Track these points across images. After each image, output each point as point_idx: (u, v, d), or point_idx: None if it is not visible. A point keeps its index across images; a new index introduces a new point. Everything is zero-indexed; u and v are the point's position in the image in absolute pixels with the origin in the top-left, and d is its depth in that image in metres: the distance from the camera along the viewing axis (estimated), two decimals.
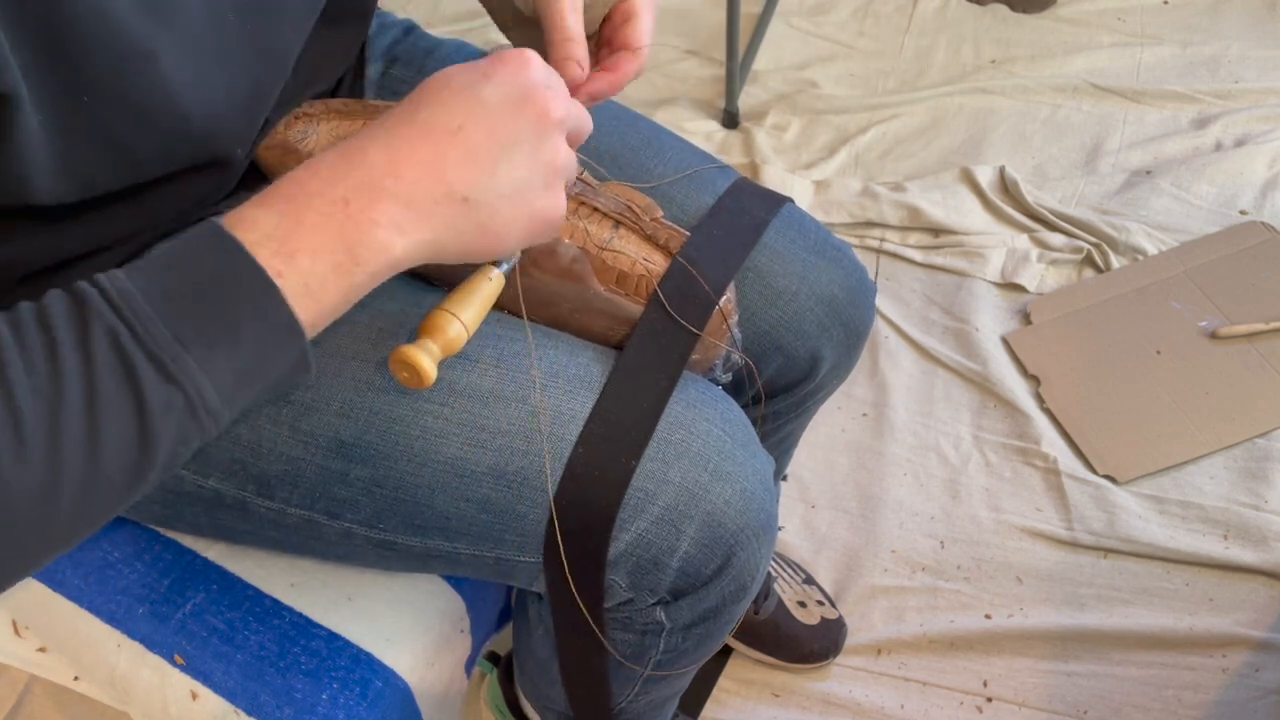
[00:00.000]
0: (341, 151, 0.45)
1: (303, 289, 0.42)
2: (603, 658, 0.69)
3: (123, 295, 0.40)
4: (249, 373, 0.42)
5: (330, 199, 0.43)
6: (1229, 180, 1.56)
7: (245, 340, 0.41)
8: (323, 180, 0.44)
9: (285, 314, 0.42)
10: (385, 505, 0.61)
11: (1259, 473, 1.25)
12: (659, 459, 0.60)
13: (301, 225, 0.43)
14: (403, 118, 0.46)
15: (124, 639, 0.70)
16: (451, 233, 0.47)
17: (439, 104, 0.46)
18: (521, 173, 0.48)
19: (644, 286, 0.64)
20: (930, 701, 1.11)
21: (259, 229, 0.42)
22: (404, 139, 0.45)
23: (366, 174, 0.44)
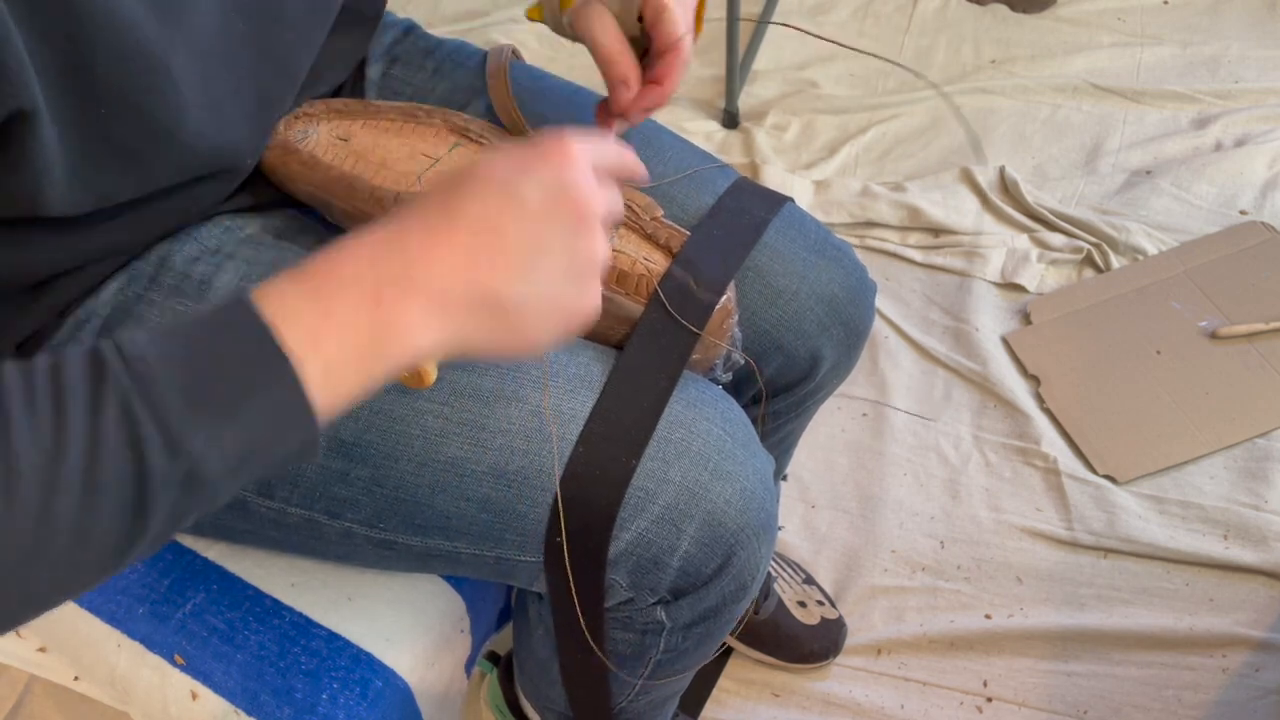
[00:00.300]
0: (379, 236, 0.44)
1: (323, 376, 0.41)
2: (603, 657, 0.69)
3: (141, 360, 0.39)
4: (255, 453, 0.40)
5: (363, 289, 0.42)
6: (1229, 180, 1.56)
7: (258, 421, 0.40)
8: (357, 267, 0.43)
9: (302, 400, 0.40)
10: (385, 505, 0.61)
11: (1259, 473, 1.25)
12: (659, 458, 0.60)
13: (331, 313, 0.41)
14: (443, 208, 0.45)
15: (124, 639, 0.70)
16: (481, 332, 0.45)
17: (478, 198, 0.45)
18: (557, 273, 0.46)
19: (644, 286, 0.64)
20: (930, 701, 1.11)
21: (287, 309, 0.41)
22: (441, 232, 0.44)
23: (402, 266, 0.43)
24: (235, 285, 0.62)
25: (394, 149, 0.65)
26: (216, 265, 0.63)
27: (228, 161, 0.59)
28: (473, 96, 0.75)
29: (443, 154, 0.65)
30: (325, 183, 0.65)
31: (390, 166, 0.64)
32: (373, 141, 0.66)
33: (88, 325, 0.61)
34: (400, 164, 0.65)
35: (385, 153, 0.65)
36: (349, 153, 0.65)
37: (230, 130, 0.58)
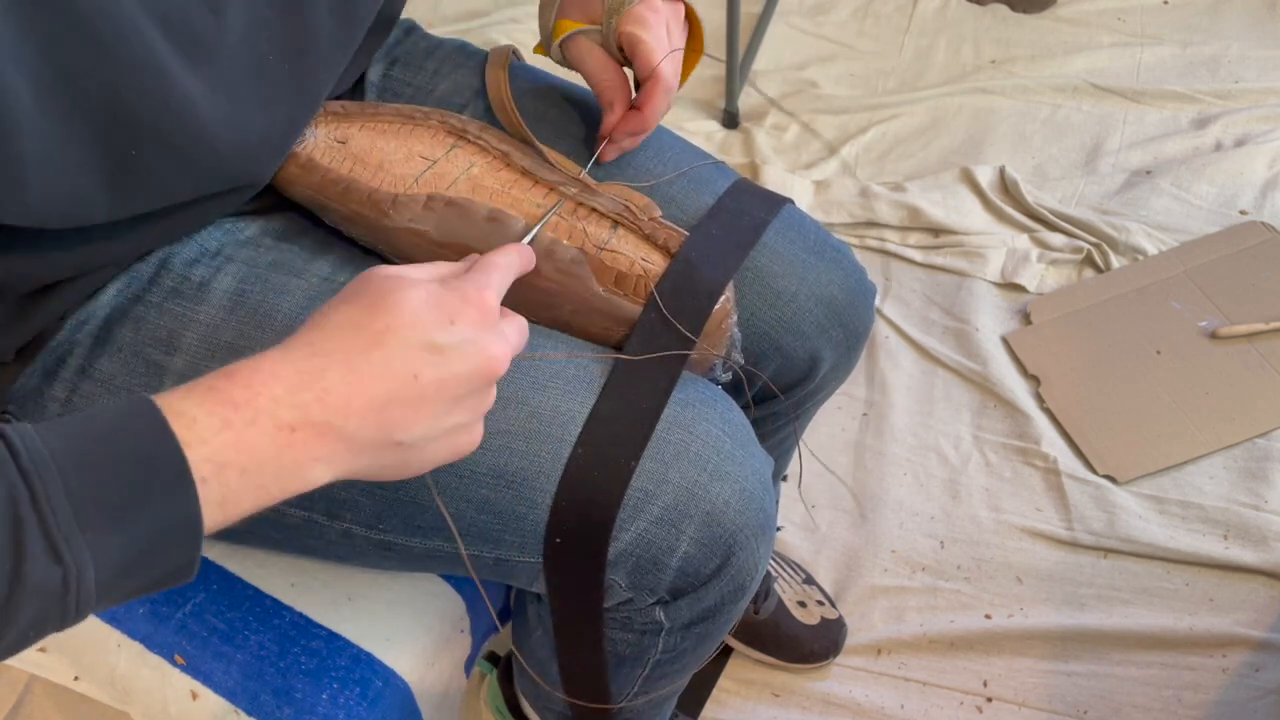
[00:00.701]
0: (298, 368, 0.43)
1: (218, 500, 0.41)
2: (602, 658, 0.69)
3: (34, 457, 0.37)
4: (133, 568, 0.39)
5: (277, 423, 0.42)
6: (1229, 180, 1.56)
7: (144, 533, 0.38)
8: (274, 398, 0.42)
9: (193, 518, 0.39)
10: (385, 506, 0.61)
11: (1259, 473, 1.25)
12: (658, 459, 0.60)
13: (241, 442, 0.41)
14: (367, 349, 0.44)
15: (124, 639, 0.70)
16: (375, 466, 0.46)
17: (403, 347, 0.45)
18: (458, 420, 0.47)
19: (643, 286, 0.64)
20: (930, 701, 1.11)
21: (196, 430, 0.40)
22: (363, 374, 0.44)
23: (320, 406, 0.43)
24: (233, 288, 0.62)
25: (391, 151, 0.65)
26: (216, 268, 0.63)
27: (245, 182, 0.60)
28: (473, 97, 0.75)
29: (440, 156, 0.65)
30: (323, 185, 0.65)
31: (388, 169, 0.64)
32: (370, 144, 0.66)
33: (86, 327, 0.61)
34: (398, 166, 0.65)
35: (383, 155, 0.65)
36: (346, 155, 0.65)
37: (252, 156, 0.59)
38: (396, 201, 0.63)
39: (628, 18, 0.66)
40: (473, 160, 0.65)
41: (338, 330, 0.45)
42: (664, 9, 0.68)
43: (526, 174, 0.66)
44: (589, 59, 0.69)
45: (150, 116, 0.50)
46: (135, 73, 0.48)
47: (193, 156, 0.54)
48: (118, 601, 0.40)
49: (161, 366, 0.61)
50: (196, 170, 0.55)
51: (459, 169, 0.65)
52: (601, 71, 0.68)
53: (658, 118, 0.69)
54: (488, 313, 0.48)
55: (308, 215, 0.70)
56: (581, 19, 0.69)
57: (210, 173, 0.57)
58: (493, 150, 0.66)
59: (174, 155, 0.53)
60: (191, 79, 0.52)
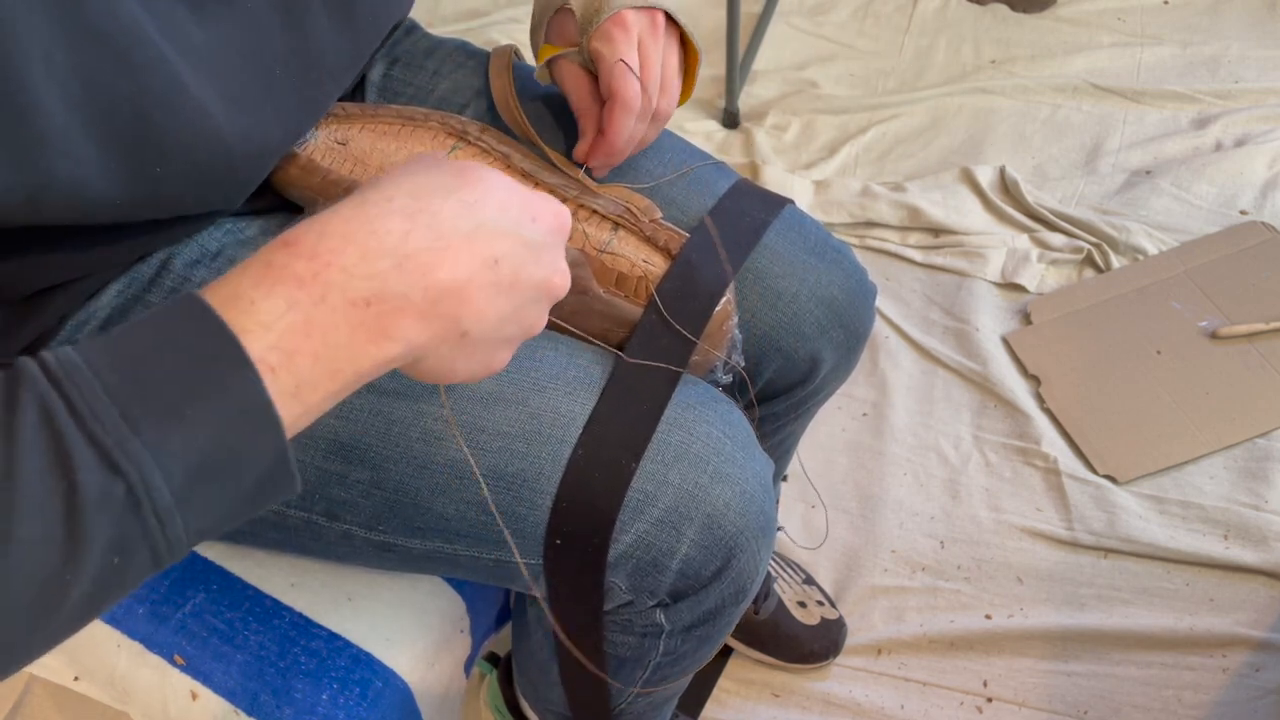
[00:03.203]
0: (374, 229, 0.38)
1: (292, 390, 0.36)
2: (602, 659, 0.69)
3: (64, 366, 0.33)
4: (211, 472, 0.34)
5: (351, 298, 0.37)
6: (1229, 180, 1.56)
7: (211, 431, 0.34)
8: (346, 269, 0.37)
9: (264, 406, 0.35)
10: (384, 507, 0.61)
11: (1259, 473, 1.25)
12: (659, 461, 0.60)
13: (313, 324, 0.36)
14: (454, 208, 0.41)
15: (124, 639, 0.70)
16: (435, 358, 0.42)
17: (490, 217, 0.41)
18: (511, 330, 0.44)
19: (643, 288, 0.64)
20: (930, 701, 1.11)
21: (255, 315, 0.36)
22: (451, 243, 0.40)
23: (398, 275, 0.38)
24: None
25: (392, 153, 0.65)
26: (216, 270, 0.63)
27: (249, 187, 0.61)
28: (473, 96, 0.75)
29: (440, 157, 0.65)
30: (323, 187, 0.65)
31: (388, 170, 0.65)
32: (370, 145, 0.66)
33: (86, 328, 0.61)
34: None
35: (383, 156, 0.65)
36: (347, 156, 0.65)
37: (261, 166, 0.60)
38: None
39: (596, 35, 0.65)
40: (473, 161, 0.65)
41: (424, 190, 0.41)
42: (636, 23, 0.65)
43: (527, 176, 0.66)
44: (567, 81, 0.68)
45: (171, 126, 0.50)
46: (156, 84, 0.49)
47: (212, 169, 0.54)
48: (222, 523, 0.36)
49: None
50: (211, 180, 0.56)
51: None
52: (576, 95, 0.68)
53: (623, 140, 0.65)
54: (564, 225, 0.45)
55: None
56: (560, 42, 0.69)
57: (225, 181, 0.57)
58: (493, 152, 0.66)
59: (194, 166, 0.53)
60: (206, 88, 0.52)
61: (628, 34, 0.64)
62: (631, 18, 0.64)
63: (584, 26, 0.65)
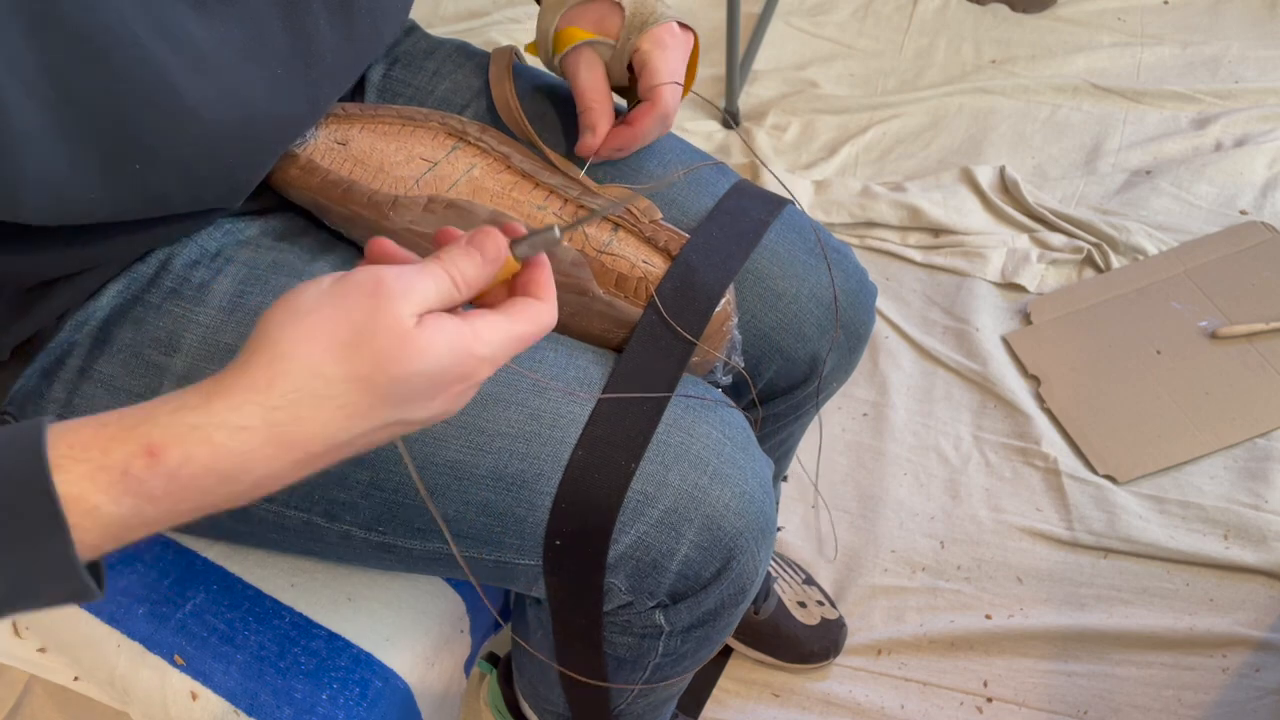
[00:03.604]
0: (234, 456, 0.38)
1: (118, 537, 0.38)
2: (601, 661, 0.69)
3: None
4: (12, 600, 0.37)
5: (202, 506, 0.39)
6: (1229, 180, 1.56)
7: (12, 574, 0.36)
8: (203, 491, 0.38)
9: (69, 559, 0.36)
10: (384, 508, 0.61)
11: (1259, 473, 1.25)
12: (658, 462, 0.60)
13: (153, 524, 0.38)
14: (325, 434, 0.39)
15: (124, 639, 0.70)
16: None
17: (368, 427, 0.40)
18: (430, 417, 0.43)
19: (643, 289, 0.64)
20: (930, 701, 1.11)
21: (97, 517, 0.36)
22: (311, 458, 0.39)
23: (254, 490, 0.40)
24: (233, 289, 0.62)
25: (392, 153, 0.65)
26: (216, 270, 0.63)
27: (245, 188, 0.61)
28: (473, 97, 0.75)
29: (441, 157, 0.65)
30: (323, 187, 0.65)
31: (388, 171, 0.64)
32: (370, 145, 0.66)
33: (85, 327, 0.61)
34: (398, 168, 0.65)
35: (383, 157, 0.65)
36: (346, 157, 0.65)
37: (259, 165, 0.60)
38: (397, 203, 0.63)
39: (648, 36, 0.66)
40: (473, 162, 0.65)
41: (306, 400, 0.38)
42: (680, 38, 0.68)
43: (527, 176, 0.66)
44: (587, 73, 0.68)
45: (153, 126, 0.50)
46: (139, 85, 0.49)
47: (197, 167, 0.54)
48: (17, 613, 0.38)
49: (161, 367, 0.61)
50: (202, 179, 0.56)
51: (460, 171, 0.65)
52: (595, 90, 0.67)
53: (646, 139, 0.68)
54: (477, 383, 0.43)
55: (308, 216, 0.70)
56: (593, 29, 0.68)
57: (217, 180, 0.57)
58: (493, 152, 0.66)
59: (177, 165, 0.53)
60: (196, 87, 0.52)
61: (675, 44, 0.67)
62: (678, 31, 0.68)
63: (639, 25, 0.66)
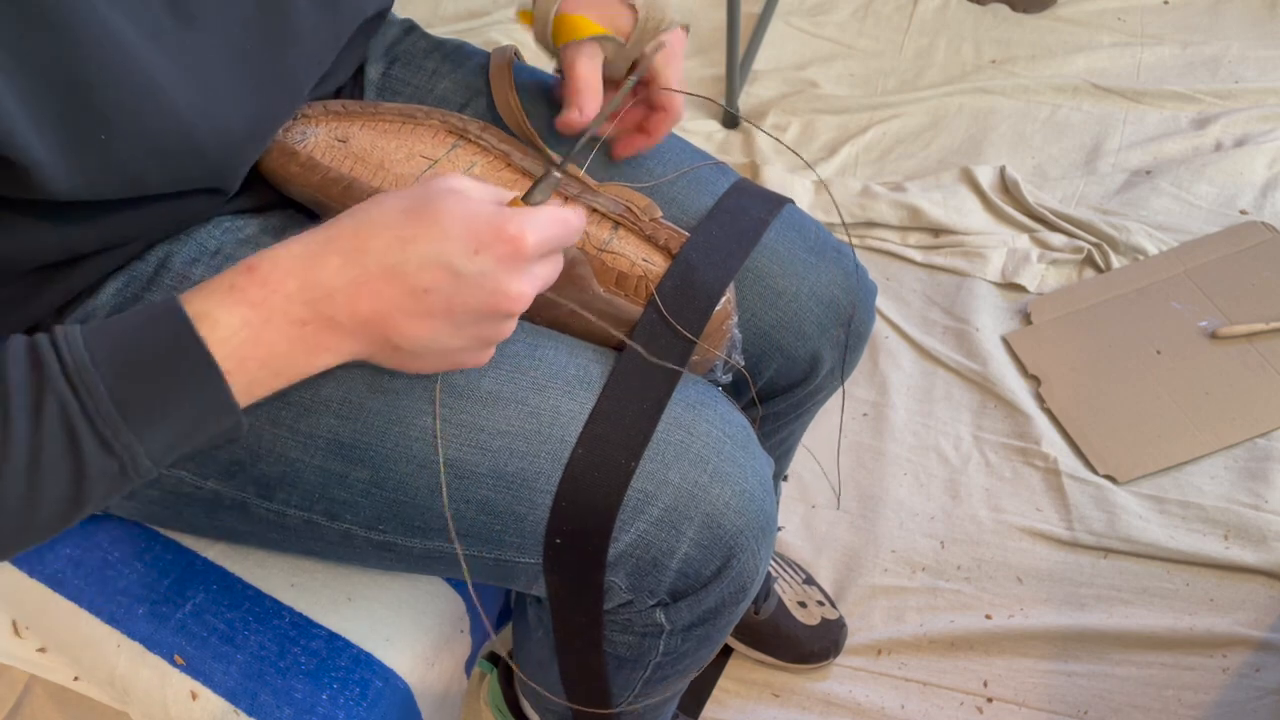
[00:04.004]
0: (308, 262, 0.48)
1: (244, 388, 0.47)
2: (602, 660, 0.69)
3: (78, 367, 0.43)
4: (183, 440, 0.46)
5: (290, 319, 0.47)
6: (1229, 180, 1.56)
7: (185, 418, 0.46)
8: (288, 296, 0.47)
9: (224, 401, 0.46)
10: (385, 507, 0.61)
11: (1259, 473, 1.25)
12: (658, 460, 0.60)
13: (260, 339, 0.47)
14: (384, 244, 0.48)
15: (124, 639, 0.70)
16: (378, 358, 0.51)
17: (420, 251, 0.48)
18: (460, 343, 0.51)
19: (643, 287, 0.64)
20: (930, 701, 1.11)
21: (218, 331, 0.46)
22: (371, 277, 0.48)
23: (327, 301, 0.48)
24: None
25: (392, 150, 0.65)
26: (216, 268, 0.63)
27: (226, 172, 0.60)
28: (473, 96, 0.75)
29: (441, 155, 0.65)
30: (323, 185, 0.64)
31: (388, 168, 0.64)
32: (371, 143, 0.66)
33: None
34: (398, 166, 0.65)
35: (383, 154, 0.65)
36: (347, 154, 0.65)
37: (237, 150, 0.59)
38: None
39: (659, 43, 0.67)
40: (474, 160, 0.65)
41: (365, 227, 0.48)
42: (682, 41, 0.70)
43: (528, 174, 0.66)
44: (588, 64, 0.67)
45: (114, 96, 0.49)
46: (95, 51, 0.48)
47: (165, 141, 0.53)
48: (178, 455, 0.47)
49: None
50: (172, 157, 0.54)
51: (460, 169, 0.65)
52: (590, 83, 0.67)
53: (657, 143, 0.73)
54: (519, 251, 0.48)
55: (308, 214, 0.70)
56: (603, 23, 0.67)
57: (190, 161, 0.55)
58: (494, 150, 0.66)
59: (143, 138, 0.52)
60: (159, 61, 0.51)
61: (682, 49, 0.70)
62: (683, 36, 0.70)
63: (647, 28, 0.68)
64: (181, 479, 0.63)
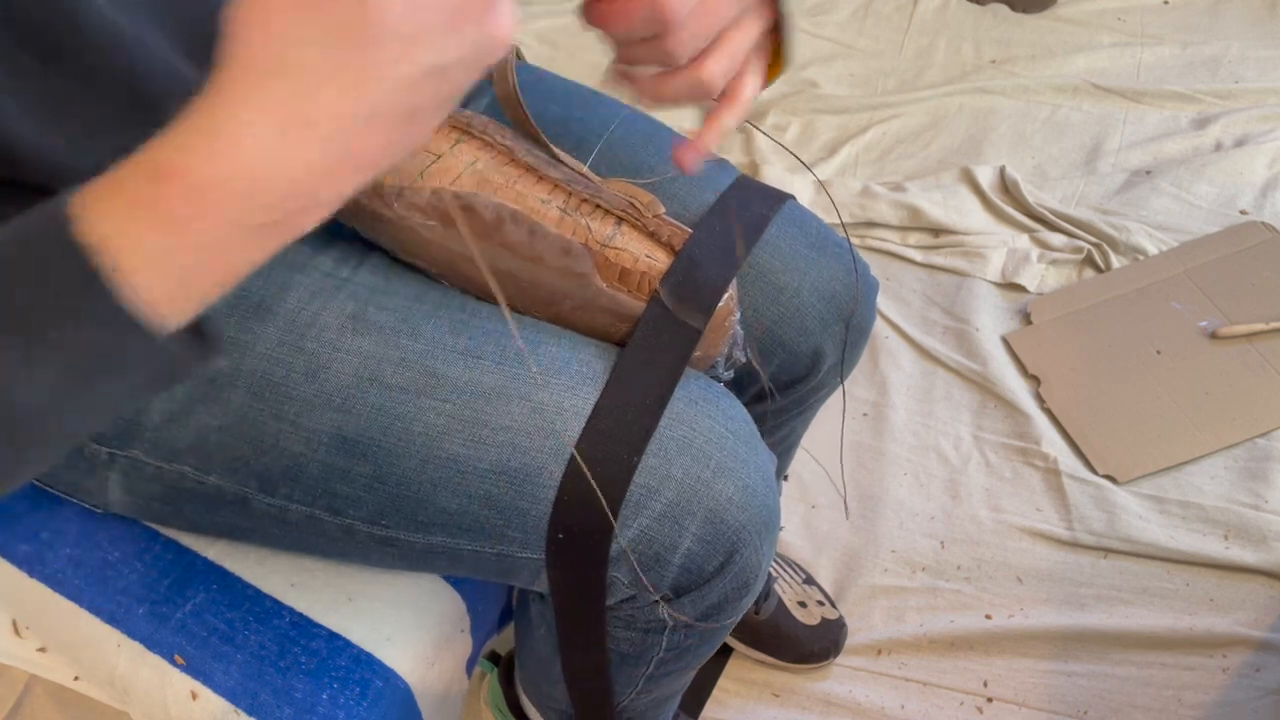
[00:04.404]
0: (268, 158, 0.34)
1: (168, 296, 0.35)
2: (604, 656, 0.69)
3: None
4: (85, 378, 0.35)
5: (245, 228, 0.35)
6: (1229, 180, 1.56)
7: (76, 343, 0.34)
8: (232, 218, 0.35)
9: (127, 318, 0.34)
10: (387, 502, 0.61)
11: (1259, 473, 1.25)
12: (661, 455, 0.60)
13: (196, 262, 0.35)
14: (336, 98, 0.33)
15: (124, 639, 0.70)
16: None
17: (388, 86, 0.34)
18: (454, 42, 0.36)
19: (646, 283, 0.64)
20: (930, 701, 1.11)
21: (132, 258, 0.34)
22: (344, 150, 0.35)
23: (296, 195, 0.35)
24: None
25: None
26: None
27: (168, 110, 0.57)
28: (474, 94, 0.75)
29: (445, 150, 0.65)
30: None
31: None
32: None
33: None
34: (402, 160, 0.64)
35: None
36: None
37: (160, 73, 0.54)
38: (402, 195, 0.63)
39: None
40: (478, 155, 0.65)
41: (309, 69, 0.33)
42: None
43: (531, 170, 0.65)
44: None
45: (65, 33, 0.47)
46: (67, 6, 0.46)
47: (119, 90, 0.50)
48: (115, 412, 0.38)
49: None
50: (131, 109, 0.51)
51: (464, 164, 0.65)
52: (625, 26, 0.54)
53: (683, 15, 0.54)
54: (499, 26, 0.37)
55: None
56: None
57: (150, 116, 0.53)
58: (497, 145, 0.66)
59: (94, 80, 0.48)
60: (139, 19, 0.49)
61: None
62: None
63: None
64: (183, 474, 0.63)
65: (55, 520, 0.74)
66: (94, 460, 0.64)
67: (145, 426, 0.62)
